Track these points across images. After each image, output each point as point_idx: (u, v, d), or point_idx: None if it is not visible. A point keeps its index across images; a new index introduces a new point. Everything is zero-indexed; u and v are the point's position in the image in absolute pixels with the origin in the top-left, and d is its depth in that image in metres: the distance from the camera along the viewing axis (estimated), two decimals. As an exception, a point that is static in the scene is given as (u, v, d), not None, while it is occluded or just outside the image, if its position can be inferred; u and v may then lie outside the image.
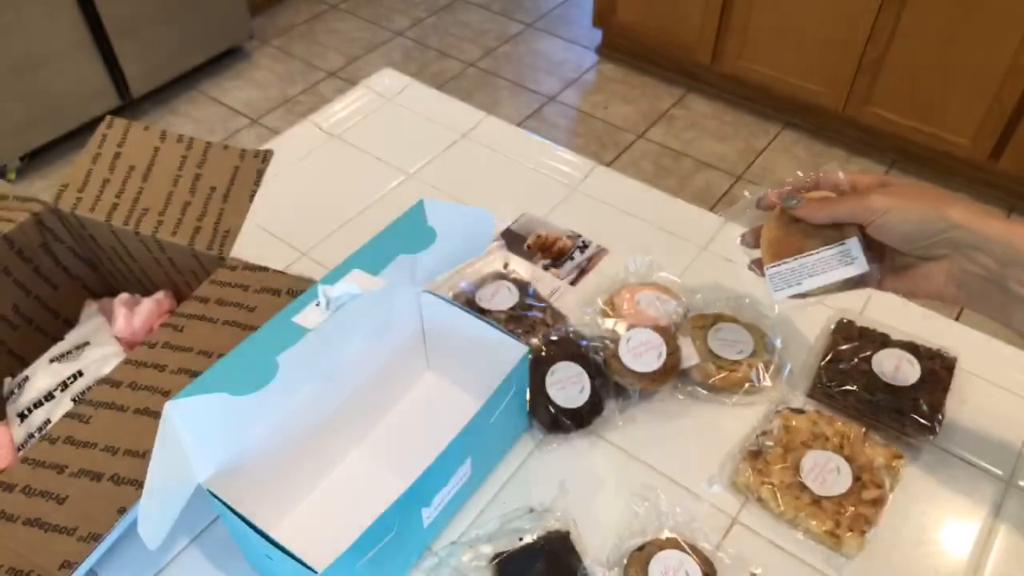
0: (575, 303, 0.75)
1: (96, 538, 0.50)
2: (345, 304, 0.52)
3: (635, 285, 0.74)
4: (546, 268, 0.80)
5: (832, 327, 0.71)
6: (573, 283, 0.78)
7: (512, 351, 0.58)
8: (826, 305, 0.74)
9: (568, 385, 0.65)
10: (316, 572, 0.46)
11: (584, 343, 0.68)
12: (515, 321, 0.70)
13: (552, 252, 0.81)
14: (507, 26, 2.72)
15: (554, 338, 0.67)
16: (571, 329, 0.69)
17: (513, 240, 0.83)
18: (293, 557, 0.46)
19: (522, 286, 0.73)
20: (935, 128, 1.97)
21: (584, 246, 0.82)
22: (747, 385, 0.67)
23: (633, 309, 0.71)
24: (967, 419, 0.66)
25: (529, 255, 0.81)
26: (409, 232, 0.57)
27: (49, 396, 0.64)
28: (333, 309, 0.52)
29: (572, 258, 0.81)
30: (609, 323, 0.70)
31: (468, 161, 0.93)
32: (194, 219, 0.67)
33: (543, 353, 0.66)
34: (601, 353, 0.67)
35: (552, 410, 0.64)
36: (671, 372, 0.66)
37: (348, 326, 0.56)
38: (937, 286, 0.51)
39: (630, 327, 0.68)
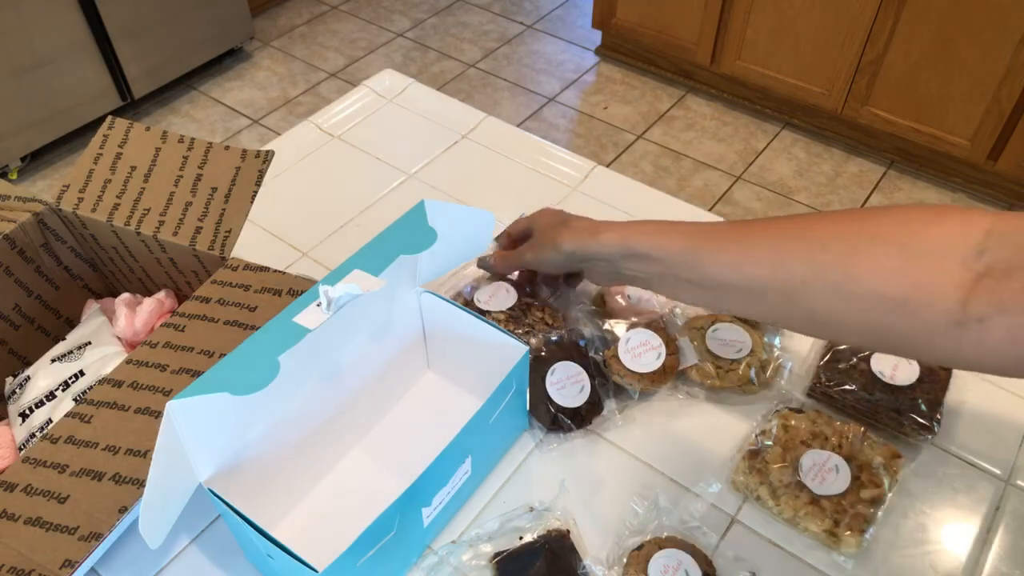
0: (574, 303, 0.75)
1: (97, 537, 0.50)
2: (346, 304, 0.53)
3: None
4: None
5: (831, 327, 0.71)
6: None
7: (512, 351, 0.58)
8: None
9: (568, 385, 0.65)
10: (316, 571, 0.46)
11: (583, 343, 0.68)
12: (514, 322, 0.70)
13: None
14: (507, 27, 2.73)
15: (554, 338, 0.67)
16: (570, 329, 0.69)
17: (513, 240, 0.83)
18: (293, 556, 0.46)
19: (520, 286, 0.73)
20: (933, 128, 1.98)
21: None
22: (746, 385, 0.67)
23: (625, 302, 0.71)
24: (965, 418, 0.66)
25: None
26: (410, 232, 0.57)
27: (50, 396, 0.64)
28: (334, 310, 0.52)
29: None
30: (608, 323, 0.70)
31: (468, 161, 0.93)
32: (195, 219, 0.67)
33: (543, 353, 0.66)
34: (601, 353, 0.67)
35: (552, 410, 0.64)
36: (670, 372, 0.67)
37: (349, 326, 0.56)
38: (603, 281, 0.66)
39: (630, 327, 0.68)
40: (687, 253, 0.55)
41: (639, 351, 0.66)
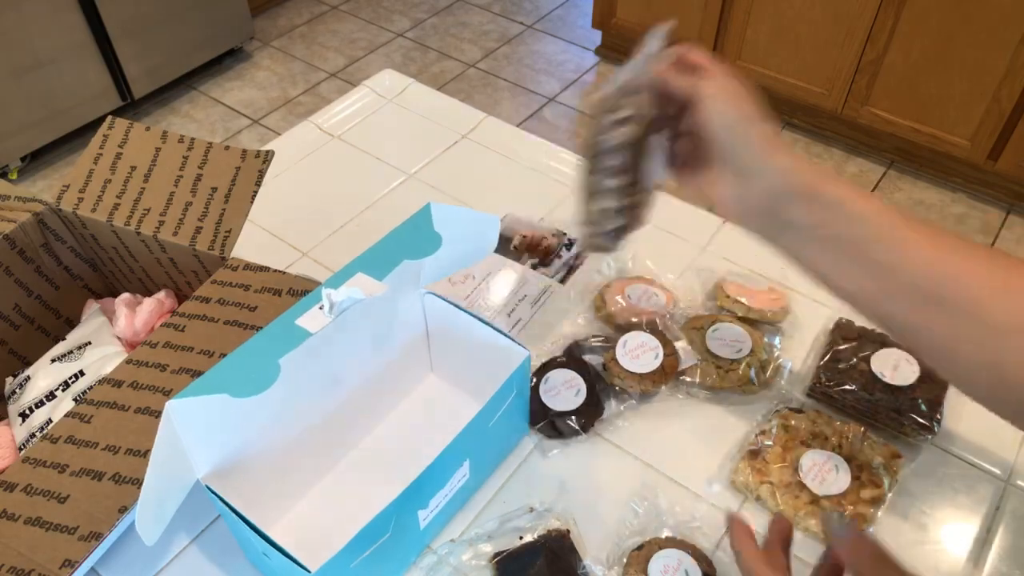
0: (567, 301, 0.75)
1: (97, 537, 0.50)
2: (349, 307, 0.52)
3: (624, 279, 0.75)
4: (534, 267, 0.80)
5: (831, 326, 0.72)
6: (562, 281, 0.78)
7: (514, 355, 0.58)
8: (826, 305, 0.74)
9: (563, 391, 0.65)
10: (309, 571, 0.46)
11: (579, 349, 0.68)
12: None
13: (539, 251, 0.81)
14: (507, 27, 2.73)
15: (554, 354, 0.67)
16: (568, 344, 0.69)
17: (499, 242, 0.82)
18: (287, 556, 0.46)
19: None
20: (934, 128, 1.98)
21: (570, 243, 0.82)
22: (746, 385, 0.67)
23: (625, 302, 0.72)
24: (965, 418, 0.66)
25: (516, 256, 0.81)
26: (415, 237, 0.57)
27: (50, 396, 0.64)
28: (336, 313, 0.52)
29: (559, 256, 0.81)
30: (605, 327, 0.70)
31: (468, 161, 0.93)
32: (195, 219, 0.67)
33: (541, 365, 0.66)
34: (601, 356, 0.67)
35: (550, 419, 0.64)
36: (670, 373, 0.67)
37: (351, 328, 0.56)
38: (720, 196, 0.51)
39: (628, 329, 0.68)
40: (890, 225, 0.43)
41: (637, 352, 0.66)
